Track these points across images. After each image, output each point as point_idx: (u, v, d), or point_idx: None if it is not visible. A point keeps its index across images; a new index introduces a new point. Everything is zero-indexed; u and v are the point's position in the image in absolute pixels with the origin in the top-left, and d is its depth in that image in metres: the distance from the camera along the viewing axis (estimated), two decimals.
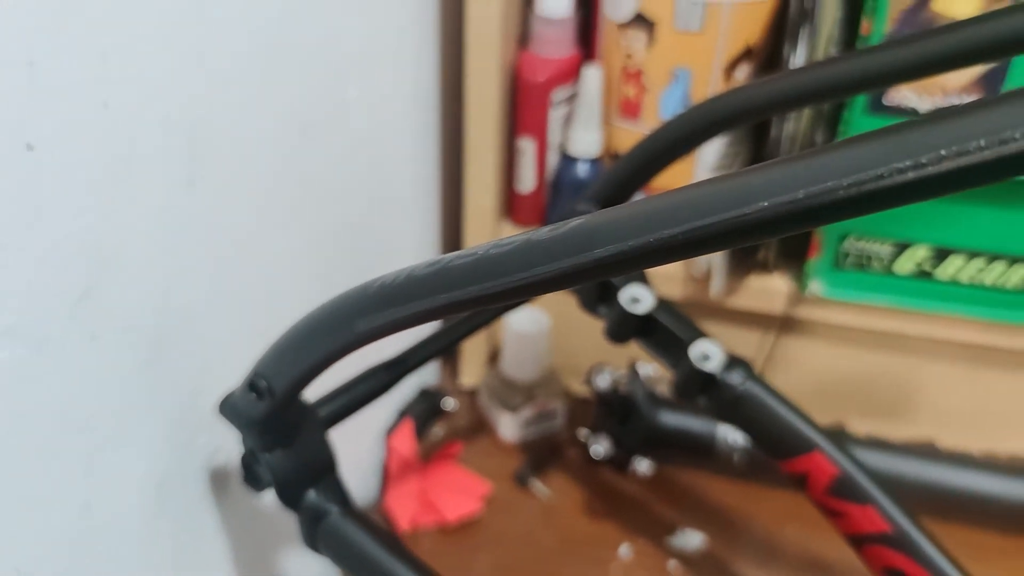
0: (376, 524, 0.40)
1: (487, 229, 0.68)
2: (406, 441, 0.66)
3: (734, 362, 0.49)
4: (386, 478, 0.66)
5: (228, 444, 0.44)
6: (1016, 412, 0.70)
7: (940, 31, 0.39)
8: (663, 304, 0.51)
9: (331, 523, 0.40)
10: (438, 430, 0.71)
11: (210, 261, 0.42)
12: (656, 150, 0.50)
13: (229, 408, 0.38)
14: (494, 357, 0.76)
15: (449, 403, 0.72)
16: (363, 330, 0.30)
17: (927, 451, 0.68)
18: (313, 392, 0.43)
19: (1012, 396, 0.69)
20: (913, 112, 0.59)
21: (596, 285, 0.53)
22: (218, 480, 0.45)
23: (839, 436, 0.69)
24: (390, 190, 0.63)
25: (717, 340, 0.50)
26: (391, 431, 0.67)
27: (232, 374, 0.40)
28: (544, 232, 0.26)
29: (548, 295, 0.51)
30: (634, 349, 0.55)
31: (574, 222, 0.25)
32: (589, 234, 0.24)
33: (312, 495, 0.40)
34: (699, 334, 0.50)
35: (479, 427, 0.72)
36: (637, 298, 0.51)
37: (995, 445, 0.72)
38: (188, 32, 0.36)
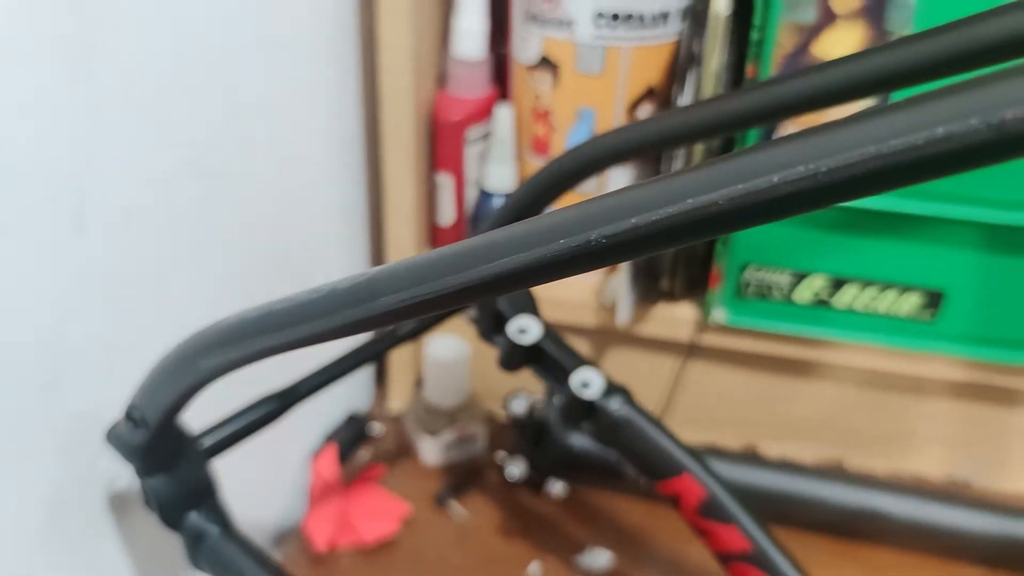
0: (253, 545, 0.43)
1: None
2: (329, 465, 0.69)
3: (613, 389, 0.52)
4: (310, 500, 0.68)
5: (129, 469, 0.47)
6: (916, 433, 0.73)
7: (822, 68, 0.40)
8: (550, 334, 0.54)
9: (210, 543, 0.43)
10: (364, 453, 0.74)
11: (106, 300, 0.44)
12: (547, 184, 0.53)
13: (114, 437, 0.41)
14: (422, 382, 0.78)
15: (375, 428, 0.75)
16: (205, 368, 0.33)
17: (834, 472, 0.71)
18: (206, 419, 0.46)
19: (912, 418, 0.72)
20: None
21: (491, 316, 0.56)
22: (118, 503, 0.48)
23: (748, 458, 0.72)
24: (311, 225, 0.66)
25: (599, 368, 0.53)
26: (316, 455, 0.70)
27: None
28: (347, 281, 0.28)
29: None
30: None
31: (368, 273, 0.28)
32: (373, 285, 0.27)
33: (193, 517, 0.43)
34: (581, 363, 0.53)
35: (404, 451, 0.74)
36: (524, 329, 0.54)
37: (899, 465, 0.74)
38: (75, 80, 0.39)
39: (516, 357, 0.54)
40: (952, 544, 0.67)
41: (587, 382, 0.52)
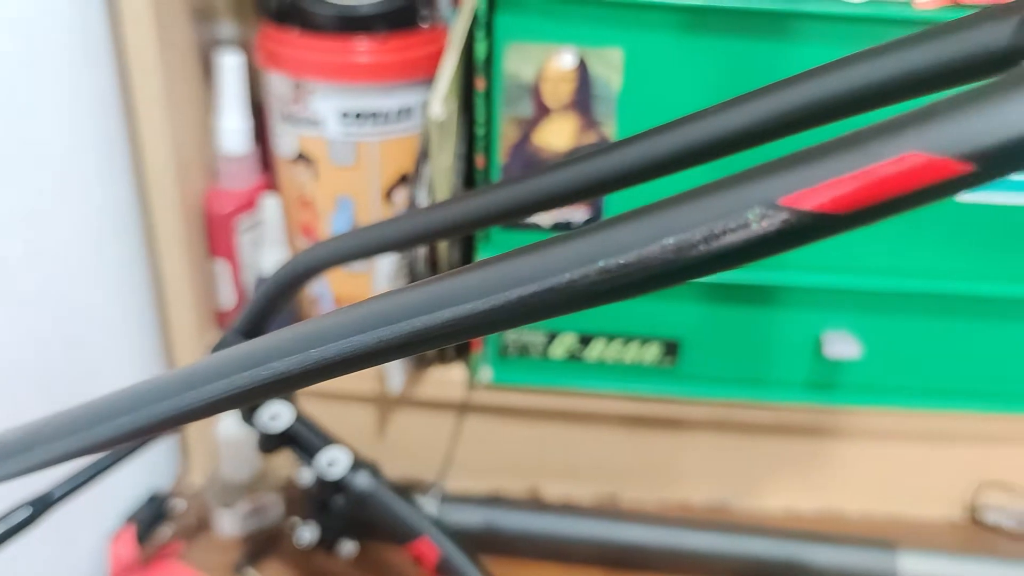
0: None
1: (194, 345, 0.75)
2: (126, 546, 0.72)
3: (359, 465, 0.58)
4: None
5: None
6: (679, 466, 0.81)
7: (549, 171, 0.44)
8: (301, 418, 0.59)
9: None
10: (167, 530, 0.77)
11: None
12: (285, 283, 0.58)
13: None
14: None
15: (177, 505, 0.78)
16: None
17: (606, 511, 0.78)
18: None
19: (674, 453, 0.80)
20: (537, 227, 0.69)
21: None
22: None
23: (530, 503, 0.78)
24: (94, 323, 0.69)
25: (346, 447, 0.58)
26: (114, 537, 0.73)
27: None
28: (111, 394, 0.33)
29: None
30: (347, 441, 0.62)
31: (130, 387, 0.32)
32: (129, 398, 0.32)
33: None
34: (329, 443, 0.58)
35: (204, 524, 0.78)
36: (275, 416, 0.58)
37: (667, 495, 0.82)
38: None
39: (270, 442, 0.59)
40: (711, 566, 0.75)
41: (333, 461, 0.57)
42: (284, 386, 0.28)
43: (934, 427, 0.77)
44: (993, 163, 0.17)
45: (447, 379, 0.76)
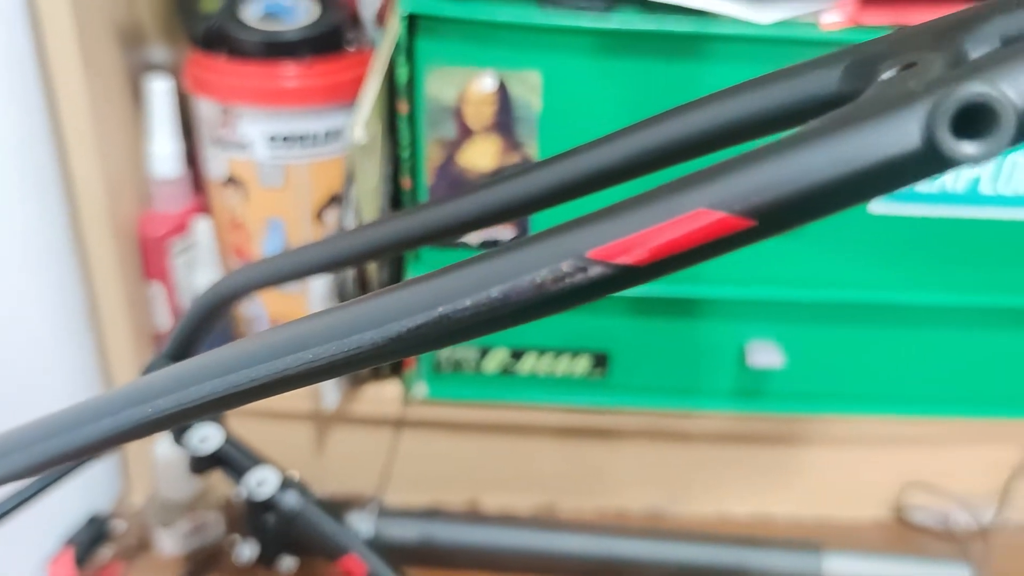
0: None
1: (131, 368, 0.76)
2: (64, 569, 0.72)
3: (288, 484, 0.59)
4: None
5: None
6: (615, 475, 0.82)
7: (475, 192, 0.44)
8: (230, 440, 0.60)
9: None
10: (107, 551, 0.78)
11: None
12: (210, 307, 0.59)
13: None
14: None
15: (117, 526, 0.78)
16: None
17: (542, 521, 0.79)
18: None
19: (609, 462, 0.82)
20: (466, 246, 0.70)
21: (177, 426, 0.61)
22: None
23: (468, 516, 0.79)
24: (27, 350, 0.69)
25: (275, 467, 0.59)
26: (52, 560, 0.73)
27: None
28: (43, 418, 0.34)
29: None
30: (283, 460, 0.63)
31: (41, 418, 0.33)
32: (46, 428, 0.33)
33: None
34: (257, 463, 0.59)
35: (145, 544, 0.78)
36: (204, 438, 0.59)
37: (605, 503, 0.84)
38: None
39: (201, 463, 0.60)
40: (647, 573, 0.76)
41: (262, 481, 0.58)
42: (175, 419, 0.29)
43: (859, 431, 0.79)
44: (771, 219, 0.19)
45: (382, 396, 0.77)
